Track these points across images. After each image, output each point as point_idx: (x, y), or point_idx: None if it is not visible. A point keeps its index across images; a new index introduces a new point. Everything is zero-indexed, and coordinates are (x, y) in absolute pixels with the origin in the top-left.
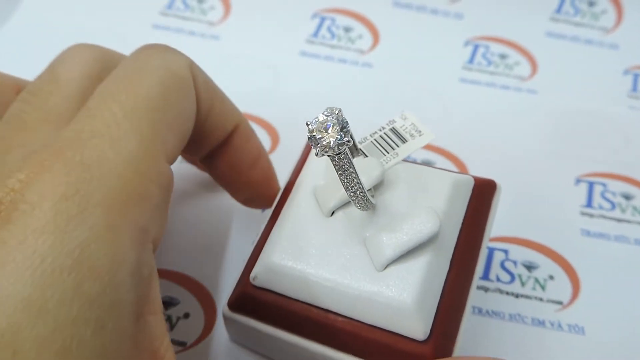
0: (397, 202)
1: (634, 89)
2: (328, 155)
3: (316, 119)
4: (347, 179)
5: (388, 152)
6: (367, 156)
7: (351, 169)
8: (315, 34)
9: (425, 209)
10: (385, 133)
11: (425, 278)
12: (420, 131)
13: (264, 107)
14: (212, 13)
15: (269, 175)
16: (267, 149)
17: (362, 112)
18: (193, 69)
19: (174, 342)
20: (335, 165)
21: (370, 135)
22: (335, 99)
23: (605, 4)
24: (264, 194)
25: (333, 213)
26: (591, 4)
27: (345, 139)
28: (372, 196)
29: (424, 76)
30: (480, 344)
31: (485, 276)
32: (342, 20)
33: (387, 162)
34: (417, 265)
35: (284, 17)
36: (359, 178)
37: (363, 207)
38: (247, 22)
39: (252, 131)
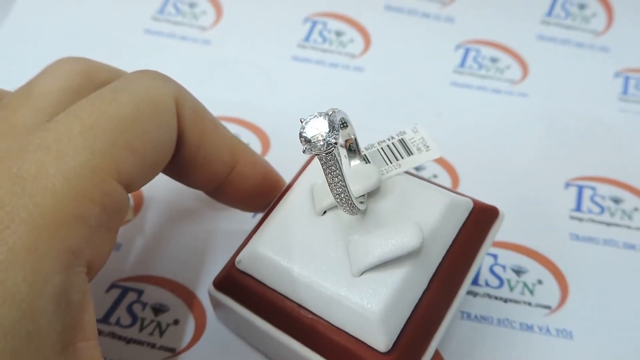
0: (388, 212)
1: (625, 91)
2: (315, 154)
3: (310, 117)
4: (332, 180)
5: (391, 162)
6: (369, 162)
7: (337, 171)
8: (307, 39)
9: (412, 223)
10: (393, 143)
11: (397, 291)
12: (428, 146)
13: (255, 112)
14: (203, 18)
15: (277, 187)
16: None
17: (353, 116)
18: (181, 99)
19: (164, 348)
20: (322, 165)
21: (378, 143)
22: (326, 103)
23: (596, 6)
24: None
25: (325, 213)
26: (582, 7)
27: (333, 140)
28: (362, 202)
29: (415, 80)
30: (469, 348)
31: (475, 281)
32: (334, 25)
33: (387, 172)
34: (393, 278)
35: (275, 22)
36: (345, 181)
37: (348, 210)
38: (238, 26)
39: (253, 156)
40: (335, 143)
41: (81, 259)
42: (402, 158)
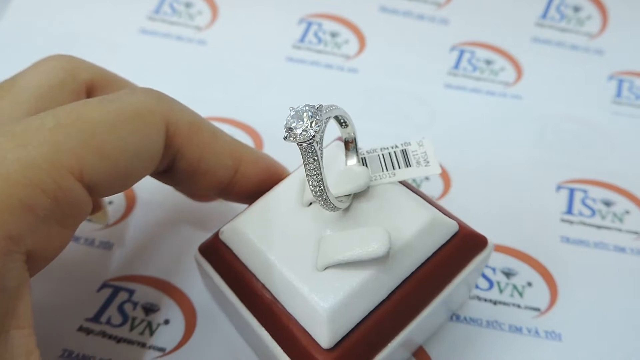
0: (369, 217)
1: (618, 94)
2: (296, 143)
3: (299, 107)
4: (309, 172)
5: (387, 170)
6: (365, 165)
7: (315, 164)
8: (302, 39)
9: (382, 232)
10: (394, 152)
11: (353, 293)
12: (428, 162)
13: (249, 112)
14: (199, 18)
15: (281, 178)
16: None
17: None
18: (174, 116)
19: (154, 348)
20: (301, 155)
21: (380, 149)
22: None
23: (591, 9)
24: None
25: (310, 205)
26: (576, 10)
27: (312, 132)
28: (342, 201)
29: (410, 82)
30: (458, 350)
31: None
32: (329, 26)
33: (380, 178)
34: (353, 279)
35: (271, 22)
36: (322, 175)
37: (323, 205)
38: (234, 27)
39: (255, 155)
40: (314, 136)
41: (21, 246)
42: (399, 168)
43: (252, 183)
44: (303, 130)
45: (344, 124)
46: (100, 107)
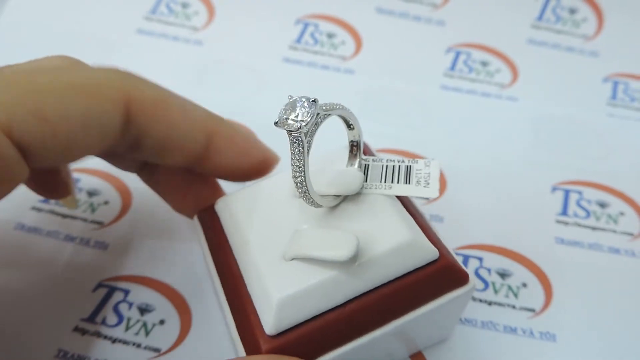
0: (351, 221)
1: (613, 96)
2: (285, 130)
3: (299, 98)
4: (293, 162)
5: (385, 182)
6: (367, 171)
7: (300, 156)
8: (299, 40)
9: (354, 239)
10: (399, 166)
11: (309, 289)
12: (428, 183)
13: (246, 113)
14: (196, 18)
15: (263, 158)
16: None
17: None
18: (137, 94)
19: (149, 348)
20: (289, 144)
21: (387, 160)
22: None
23: (586, 11)
24: (263, 171)
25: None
26: (572, 12)
27: (300, 124)
28: (327, 199)
29: (406, 83)
30: (453, 350)
31: None
32: (325, 27)
33: (375, 188)
34: (312, 276)
35: (267, 23)
36: (305, 168)
37: (303, 198)
38: (230, 27)
39: (231, 130)
40: (300, 127)
41: None
42: (397, 183)
43: (228, 159)
44: (292, 120)
45: (350, 127)
46: (53, 73)
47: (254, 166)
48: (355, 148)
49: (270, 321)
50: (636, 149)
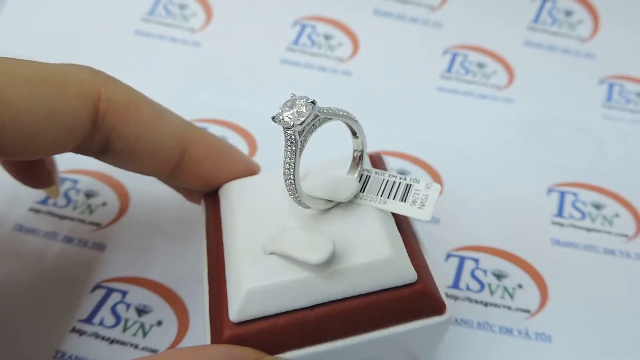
0: (337, 227)
1: (609, 98)
2: (282, 127)
3: (302, 97)
4: (284, 159)
5: (381, 196)
6: (366, 182)
7: (291, 154)
8: (296, 42)
9: (330, 246)
10: (399, 182)
11: (277, 285)
12: (423, 205)
13: (243, 115)
14: (193, 20)
15: (242, 167)
16: None
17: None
18: (108, 93)
19: (147, 349)
20: (284, 141)
21: (389, 175)
22: None
23: (582, 13)
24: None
25: None
26: (568, 14)
27: (293, 122)
28: (317, 203)
29: (403, 84)
30: (449, 351)
31: (455, 285)
32: (323, 28)
33: (369, 199)
34: (284, 274)
35: (265, 25)
36: (294, 166)
37: (291, 196)
38: (228, 29)
39: (207, 139)
40: (292, 125)
41: None
42: (393, 199)
43: (205, 168)
44: (288, 117)
45: (355, 135)
46: (24, 63)
47: (235, 177)
48: (358, 157)
49: (236, 308)
50: (631, 151)
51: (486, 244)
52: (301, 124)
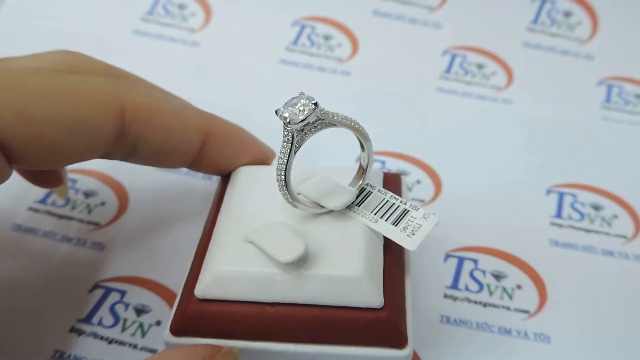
0: (322, 233)
1: (608, 100)
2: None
3: (305, 96)
4: (280, 154)
5: (375, 214)
6: (366, 197)
7: (285, 150)
8: (295, 42)
9: (302, 249)
10: (397, 205)
11: (245, 274)
12: (413, 234)
13: (242, 114)
14: (192, 20)
15: (258, 152)
16: None
17: None
18: (131, 102)
19: (146, 349)
20: (282, 137)
21: (390, 196)
22: None
23: (581, 15)
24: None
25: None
26: (567, 15)
27: (291, 119)
28: (307, 205)
29: (402, 85)
30: (448, 351)
31: (454, 285)
32: (322, 29)
33: (361, 215)
34: (256, 265)
35: (264, 25)
36: (287, 163)
37: (280, 192)
38: (227, 29)
39: (227, 125)
40: (289, 122)
41: None
42: (385, 221)
43: (222, 155)
44: (287, 113)
45: (362, 147)
46: (47, 77)
47: (251, 163)
48: (362, 170)
49: (202, 286)
50: (630, 153)
51: (485, 244)
52: (298, 122)
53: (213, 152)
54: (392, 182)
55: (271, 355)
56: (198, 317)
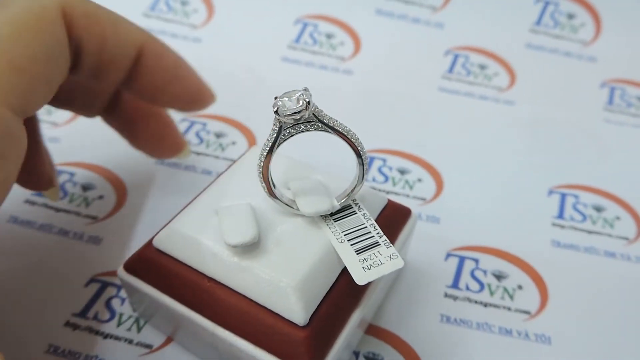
0: (287, 232)
1: (610, 102)
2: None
3: (306, 93)
4: (265, 141)
5: (344, 235)
6: (347, 215)
7: (268, 141)
8: (298, 40)
9: (250, 236)
10: (371, 236)
11: (196, 241)
12: (369, 269)
13: (243, 111)
14: (195, 16)
15: (193, 84)
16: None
17: (341, 119)
18: (68, 7)
19: (141, 344)
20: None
21: (370, 224)
22: None
23: (584, 17)
24: (195, 101)
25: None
26: (570, 17)
27: (280, 110)
28: (285, 203)
29: (404, 84)
30: (448, 352)
31: (455, 285)
32: (325, 27)
33: (330, 228)
34: (207, 237)
35: (267, 22)
36: (267, 156)
37: (258, 177)
38: (229, 25)
39: (163, 47)
40: (276, 111)
41: None
42: (352, 245)
43: (155, 78)
44: (279, 102)
45: (358, 162)
46: None
47: (185, 93)
48: (351, 188)
49: (159, 237)
50: (632, 154)
51: (486, 244)
52: (285, 115)
53: (146, 71)
54: (397, 214)
55: (193, 325)
56: (147, 262)
